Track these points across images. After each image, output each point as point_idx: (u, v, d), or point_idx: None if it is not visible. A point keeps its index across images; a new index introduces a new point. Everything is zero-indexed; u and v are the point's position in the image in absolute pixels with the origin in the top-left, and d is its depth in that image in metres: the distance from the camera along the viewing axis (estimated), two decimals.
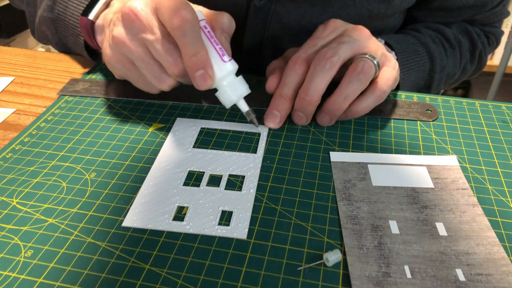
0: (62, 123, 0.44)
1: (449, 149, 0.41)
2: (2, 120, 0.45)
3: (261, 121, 0.44)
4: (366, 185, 0.38)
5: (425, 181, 0.38)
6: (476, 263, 0.32)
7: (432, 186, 0.38)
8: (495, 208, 0.35)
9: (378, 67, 0.42)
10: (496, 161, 0.40)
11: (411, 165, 0.40)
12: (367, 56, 0.41)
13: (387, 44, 0.53)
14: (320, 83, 0.41)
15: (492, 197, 0.37)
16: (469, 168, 0.39)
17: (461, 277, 0.31)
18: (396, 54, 0.52)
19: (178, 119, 0.45)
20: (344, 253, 0.32)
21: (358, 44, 0.42)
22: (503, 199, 0.36)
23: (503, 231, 0.33)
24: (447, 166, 0.40)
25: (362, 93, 0.42)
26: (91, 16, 0.46)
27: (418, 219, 0.35)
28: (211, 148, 0.41)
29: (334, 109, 0.42)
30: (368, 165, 0.40)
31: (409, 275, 0.31)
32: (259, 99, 0.48)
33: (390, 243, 0.33)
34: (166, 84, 0.41)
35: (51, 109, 0.46)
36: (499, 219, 0.34)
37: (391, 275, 0.31)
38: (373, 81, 0.42)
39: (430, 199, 0.36)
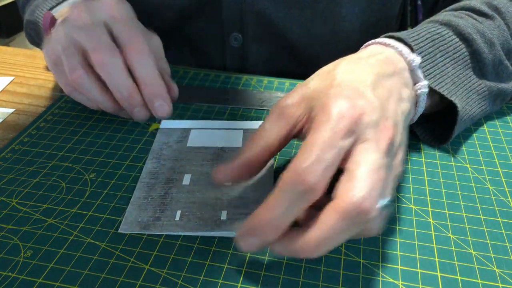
0: (62, 123, 0.44)
1: (450, 149, 0.41)
2: (1, 120, 0.45)
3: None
4: (181, 146, 0.39)
5: (236, 141, 0.40)
6: (242, 205, 0.33)
7: (240, 146, 0.39)
8: (495, 208, 0.35)
9: None
10: (496, 161, 0.40)
11: (232, 129, 0.42)
12: None
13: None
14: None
15: (492, 197, 0.36)
16: (469, 168, 0.39)
17: (223, 217, 0.33)
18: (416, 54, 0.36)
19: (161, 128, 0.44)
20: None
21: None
22: (503, 199, 0.36)
23: (503, 231, 0.33)
24: None
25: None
26: (54, 12, 0.48)
27: None
28: None
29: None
30: (192, 130, 0.41)
31: (177, 218, 0.33)
32: (259, 98, 0.48)
33: (175, 193, 0.35)
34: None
35: (50, 109, 0.46)
36: (499, 219, 0.34)
37: (161, 219, 0.33)
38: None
39: (233, 156, 0.37)
